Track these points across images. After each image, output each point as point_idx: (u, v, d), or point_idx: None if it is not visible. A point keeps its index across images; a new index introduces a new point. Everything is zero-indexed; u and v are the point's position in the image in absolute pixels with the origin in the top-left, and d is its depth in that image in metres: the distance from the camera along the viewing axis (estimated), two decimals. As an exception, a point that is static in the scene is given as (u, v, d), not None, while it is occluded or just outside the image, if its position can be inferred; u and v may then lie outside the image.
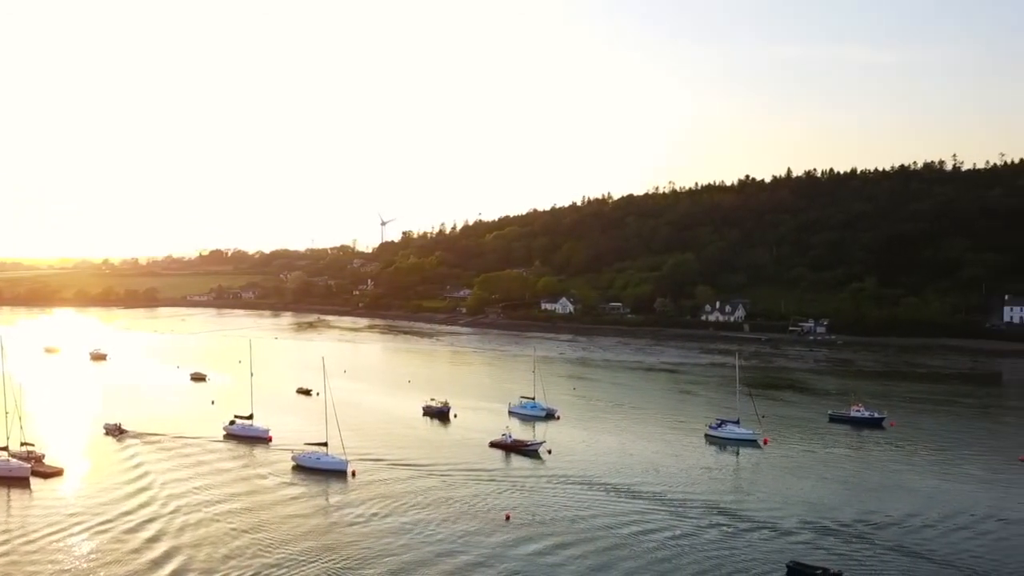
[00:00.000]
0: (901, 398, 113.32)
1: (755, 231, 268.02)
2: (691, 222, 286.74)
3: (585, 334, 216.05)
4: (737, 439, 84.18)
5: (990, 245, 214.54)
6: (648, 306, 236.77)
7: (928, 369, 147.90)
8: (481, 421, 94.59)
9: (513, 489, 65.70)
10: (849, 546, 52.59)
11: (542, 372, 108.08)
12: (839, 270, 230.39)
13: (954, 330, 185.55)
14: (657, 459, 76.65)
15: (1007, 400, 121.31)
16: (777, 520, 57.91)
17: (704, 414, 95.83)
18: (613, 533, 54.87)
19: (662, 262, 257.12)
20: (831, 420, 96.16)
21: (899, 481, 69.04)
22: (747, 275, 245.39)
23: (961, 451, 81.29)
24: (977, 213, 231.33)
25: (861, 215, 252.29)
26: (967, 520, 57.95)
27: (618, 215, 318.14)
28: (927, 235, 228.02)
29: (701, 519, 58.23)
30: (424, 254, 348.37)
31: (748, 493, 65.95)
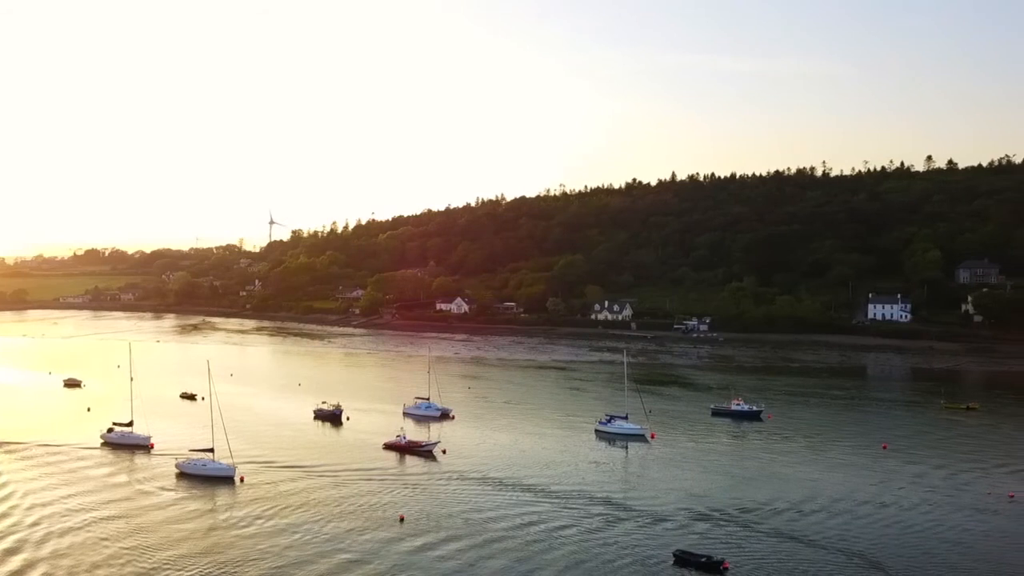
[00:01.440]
0: (777, 392, 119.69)
1: (641, 233, 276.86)
2: (581, 224, 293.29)
3: (480, 334, 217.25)
4: (626, 434, 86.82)
5: (856, 246, 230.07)
6: (541, 305, 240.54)
7: (801, 364, 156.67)
8: (375, 423, 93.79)
9: (407, 490, 65.66)
10: (731, 533, 55.36)
11: (437, 372, 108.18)
12: (720, 270, 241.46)
13: (824, 327, 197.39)
14: (549, 455, 78.21)
15: (871, 392, 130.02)
16: (664, 511, 60.27)
17: (594, 410, 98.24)
18: (507, 528, 55.78)
19: (554, 263, 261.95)
20: (713, 414, 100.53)
21: (776, 470, 73.08)
22: (634, 275, 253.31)
23: (831, 440, 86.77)
24: (845, 216, 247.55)
25: (740, 217, 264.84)
26: (837, 505, 61.94)
27: (511, 216, 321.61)
28: (800, 237, 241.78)
29: (591, 512, 59.92)
30: (315, 254, 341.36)
31: (636, 486, 68.30)
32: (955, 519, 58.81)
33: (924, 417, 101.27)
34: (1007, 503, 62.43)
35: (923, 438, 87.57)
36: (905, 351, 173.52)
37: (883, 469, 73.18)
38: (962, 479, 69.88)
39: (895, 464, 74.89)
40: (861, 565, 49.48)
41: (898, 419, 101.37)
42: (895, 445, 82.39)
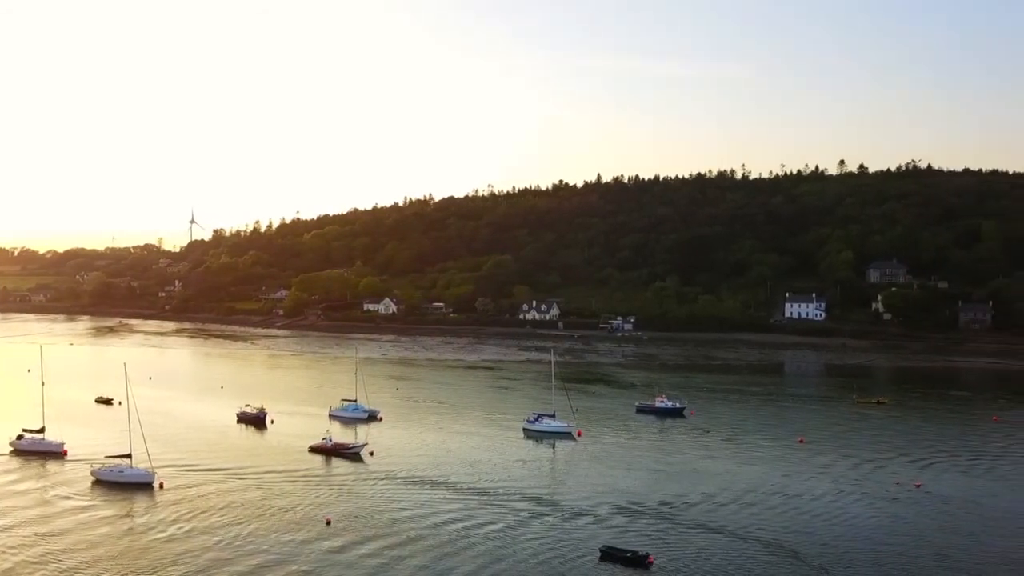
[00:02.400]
0: (699, 389, 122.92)
1: (568, 233, 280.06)
2: (509, 224, 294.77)
3: (408, 334, 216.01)
4: (553, 432, 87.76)
5: (774, 247, 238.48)
6: (469, 306, 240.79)
7: (722, 361, 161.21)
8: (300, 426, 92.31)
9: (334, 492, 64.97)
10: (656, 527, 56.64)
11: (364, 373, 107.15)
12: (644, 270, 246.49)
13: (744, 325, 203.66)
14: (477, 454, 78.53)
15: (788, 388, 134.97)
16: (590, 507, 61.25)
17: (522, 409, 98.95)
18: (433, 527, 55.81)
19: (482, 263, 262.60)
20: (638, 411, 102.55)
21: (698, 465, 75.11)
22: (561, 275, 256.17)
23: (750, 435, 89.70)
24: (763, 218, 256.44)
25: (663, 219, 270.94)
26: (755, 497, 64.10)
27: (440, 216, 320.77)
28: (721, 238, 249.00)
29: (518, 509, 60.46)
30: (238, 253, 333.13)
31: (563, 483, 69.24)
32: (866, 508, 61.57)
33: (837, 411, 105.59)
34: (914, 492, 65.72)
35: (836, 431, 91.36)
36: (820, 348, 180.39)
37: (799, 461, 76.03)
38: (873, 469, 73.21)
39: (811, 456, 77.90)
40: (778, 553, 51.38)
41: (813, 413, 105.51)
42: (811, 438, 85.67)
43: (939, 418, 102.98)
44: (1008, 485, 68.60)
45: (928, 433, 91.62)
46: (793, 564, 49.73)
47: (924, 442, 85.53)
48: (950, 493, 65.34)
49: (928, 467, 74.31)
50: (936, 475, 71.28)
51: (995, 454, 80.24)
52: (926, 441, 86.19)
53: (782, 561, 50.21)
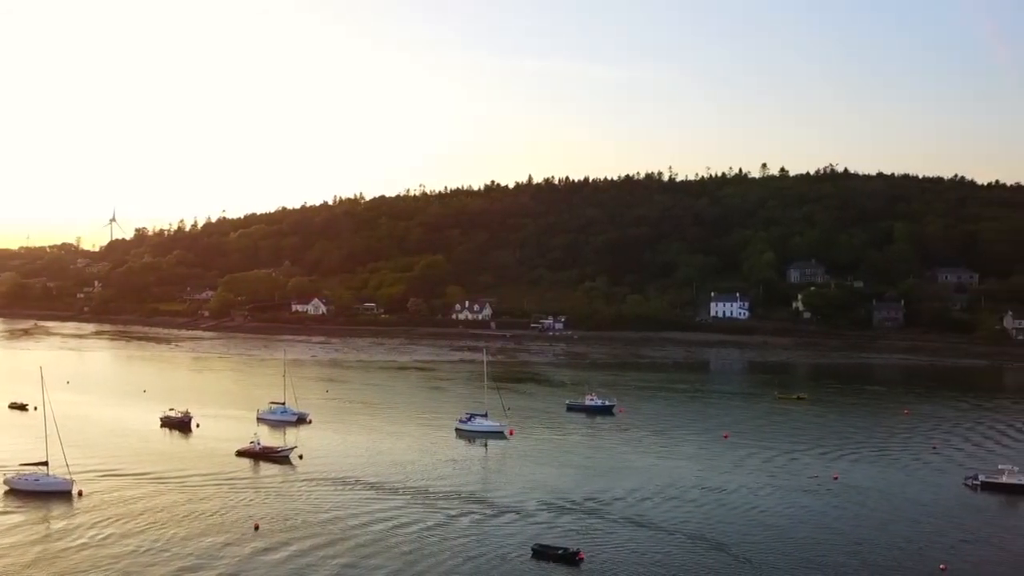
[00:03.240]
0: (628, 386, 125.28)
1: (500, 234, 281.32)
2: (441, 224, 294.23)
3: (339, 335, 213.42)
4: (485, 432, 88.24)
5: (700, 248, 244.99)
6: (401, 306, 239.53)
7: (650, 360, 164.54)
8: (227, 430, 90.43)
9: (262, 496, 63.99)
10: (586, 523, 57.65)
11: (293, 376, 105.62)
12: (575, 270, 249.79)
13: (671, 324, 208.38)
14: (409, 455, 78.42)
15: (713, 385, 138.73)
16: (521, 505, 61.95)
17: (454, 409, 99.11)
18: (366, 530, 55.61)
19: (414, 263, 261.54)
20: (569, 409, 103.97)
21: (627, 462, 76.70)
22: (494, 275, 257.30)
23: (677, 431, 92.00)
24: (690, 220, 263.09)
25: (593, 220, 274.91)
26: (681, 491, 65.90)
27: (371, 216, 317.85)
28: (649, 239, 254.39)
29: (451, 509, 60.72)
30: (161, 253, 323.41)
31: (494, 482, 69.78)
32: (787, 500, 63.97)
33: (760, 407, 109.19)
34: (831, 483, 68.60)
35: (759, 426, 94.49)
36: (743, 346, 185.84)
37: (724, 456, 78.38)
38: (793, 463, 76.10)
39: (735, 451, 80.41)
40: (703, 545, 53.01)
41: (737, 410, 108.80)
42: (735, 434, 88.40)
43: (855, 413, 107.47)
44: (916, 476, 72.20)
45: (845, 427, 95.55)
46: (717, 555, 51.39)
47: (841, 436, 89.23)
48: (864, 484, 68.43)
49: (844, 459, 77.61)
50: (852, 467, 74.54)
51: (905, 446, 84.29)
52: (843, 435, 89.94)
53: (707, 553, 51.83)
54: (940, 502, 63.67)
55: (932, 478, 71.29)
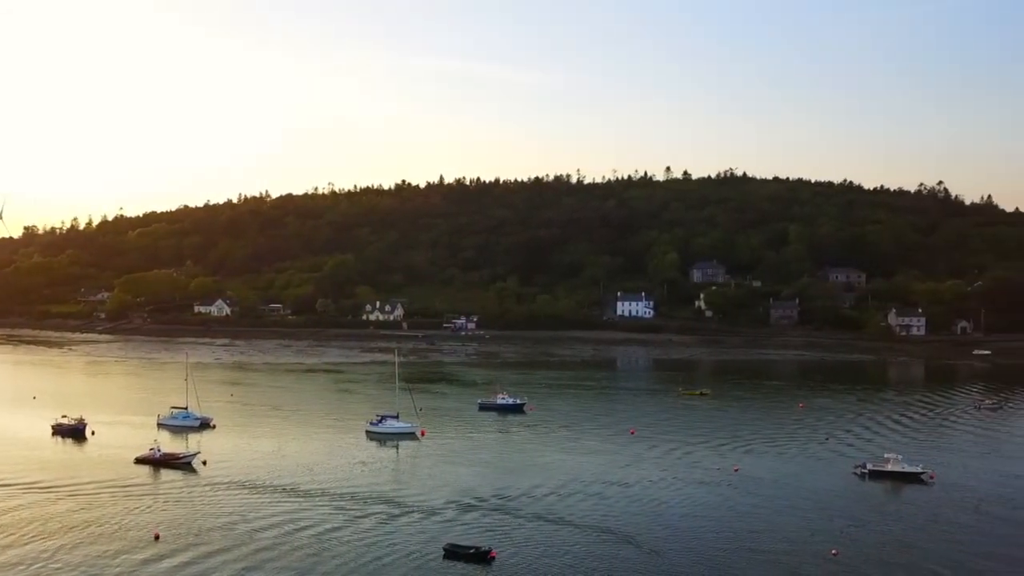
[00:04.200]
0: (538, 385, 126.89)
1: (411, 233, 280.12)
2: (351, 223, 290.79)
3: (244, 337, 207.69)
4: (396, 433, 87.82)
5: (606, 249, 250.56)
6: (310, 307, 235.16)
7: (559, 358, 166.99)
8: (124, 436, 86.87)
9: (163, 505, 61.86)
10: (497, 522, 58.17)
11: (196, 379, 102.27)
12: (486, 270, 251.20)
13: (580, 323, 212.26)
14: (318, 459, 77.30)
15: (620, 382, 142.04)
16: (433, 506, 62.03)
17: (365, 411, 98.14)
18: (271, 534, 54.58)
19: (323, 262, 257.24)
20: (480, 409, 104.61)
21: (537, 459, 77.77)
22: (405, 275, 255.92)
23: (585, 428, 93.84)
24: (597, 222, 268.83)
25: (504, 221, 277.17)
26: (590, 487, 67.27)
27: (278, 214, 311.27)
28: (558, 240, 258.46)
29: (360, 511, 60.24)
30: (53, 253, 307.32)
31: (406, 483, 69.55)
32: (690, 492, 66.28)
33: (665, 403, 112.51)
34: (732, 475, 71.43)
35: (664, 422, 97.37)
36: (648, 344, 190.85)
37: (630, 452, 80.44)
38: (696, 456, 78.81)
39: (641, 447, 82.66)
40: (613, 539, 54.40)
41: (643, 406, 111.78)
42: (641, 429, 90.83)
43: (754, 407, 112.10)
44: (809, 466, 75.98)
45: (744, 421, 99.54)
46: (626, 549, 52.84)
47: (741, 429, 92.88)
48: (762, 475, 71.56)
49: (744, 452, 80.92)
50: (751, 459, 77.79)
51: (800, 438, 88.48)
52: (742, 428, 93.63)
53: (615, 546, 53.22)
54: (831, 490, 67.20)
55: (824, 468, 75.16)
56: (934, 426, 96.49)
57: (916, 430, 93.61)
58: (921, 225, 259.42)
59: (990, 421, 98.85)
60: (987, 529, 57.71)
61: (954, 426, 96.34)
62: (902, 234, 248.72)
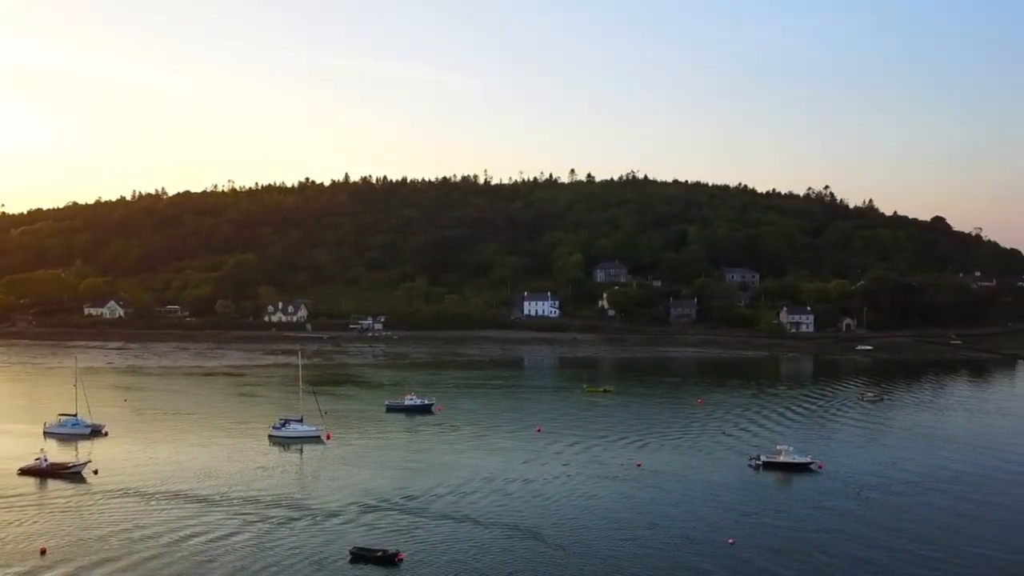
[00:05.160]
0: (446, 385, 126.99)
1: (316, 232, 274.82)
2: (252, 222, 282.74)
3: (138, 340, 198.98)
4: (300, 437, 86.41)
5: (513, 249, 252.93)
6: (209, 308, 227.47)
7: (468, 358, 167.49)
8: (7, 447, 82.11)
9: (51, 517, 58.92)
10: (405, 523, 58.10)
11: (87, 384, 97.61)
12: (394, 270, 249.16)
13: (488, 323, 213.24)
14: (217, 465, 75.20)
15: (527, 381, 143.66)
16: (339, 509, 61.39)
17: (267, 415, 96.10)
18: (168, 545, 52.82)
19: (223, 262, 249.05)
20: (388, 410, 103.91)
21: (445, 459, 77.97)
22: (309, 275, 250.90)
23: (493, 427, 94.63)
24: (504, 222, 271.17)
25: (411, 220, 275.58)
26: (497, 485, 68.02)
27: (174, 212, 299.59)
28: (466, 240, 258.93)
29: (262, 516, 59.04)
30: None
31: (311, 487, 68.57)
32: (595, 487, 67.96)
33: (570, 401, 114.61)
34: (635, 470, 73.59)
35: (569, 419, 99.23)
36: (554, 343, 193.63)
37: (537, 449, 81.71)
38: (600, 452, 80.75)
39: (547, 444, 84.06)
40: (520, 536, 55.23)
41: (549, 404, 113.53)
42: (547, 427, 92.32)
43: (655, 403, 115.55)
44: (708, 459, 79.03)
45: (646, 417, 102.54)
46: (533, 545, 53.76)
47: (643, 425, 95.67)
48: (663, 469, 74.02)
49: (646, 447, 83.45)
50: (652, 454, 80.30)
51: (699, 432, 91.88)
52: (645, 424, 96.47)
53: (523, 543, 54.07)
54: (728, 482, 70.18)
55: (721, 460, 78.35)
56: (822, 418, 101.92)
57: (806, 422, 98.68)
58: (809, 227, 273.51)
59: (872, 413, 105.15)
60: (866, 514, 61.54)
61: (840, 418, 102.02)
62: (792, 236, 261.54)
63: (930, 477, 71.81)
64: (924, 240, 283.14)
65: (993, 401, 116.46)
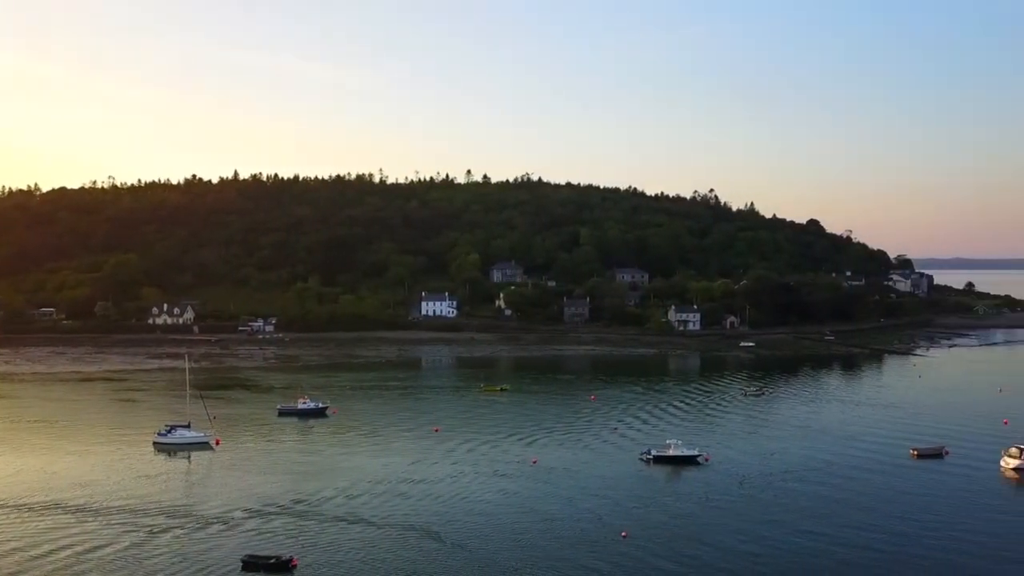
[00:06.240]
0: (342, 387, 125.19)
1: (203, 231, 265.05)
2: (135, 220, 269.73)
3: (9, 345, 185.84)
4: (188, 443, 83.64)
5: (410, 249, 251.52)
6: (88, 310, 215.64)
7: (364, 360, 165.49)
8: None
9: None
10: (299, 528, 57.24)
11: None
12: (285, 270, 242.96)
13: (384, 323, 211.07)
14: (96, 474, 71.88)
15: (425, 381, 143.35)
16: (229, 516, 59.85)
17: (152, 421, 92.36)
18: (42, 559, 50.22)
19: (103, 262, 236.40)
20: (280, 414, 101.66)
21: (338, 462, 77.12)
22: (196, 275, 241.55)
23: (390, 428, 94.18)
24: (400, 221, 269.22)
25: (304, 219, 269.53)
26: (394, 486, 67.96)
27: (49, 209, 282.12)
28: (361, 239, 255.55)
29: (149, 527, 56.93)
30: None
31: (199, 495, 66.49)
32: (491, 485, 68.82)
33: (467, 400, 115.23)
34: (530, 467, 74.92)
35: (467, 418, 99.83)
36: (452, 342, 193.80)
37: (435, 450, 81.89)
38: (498, 450, 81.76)
39: (445, 443, 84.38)
40: (416, 536, 55.43)
41: (447, 404, 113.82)
42: (445, 427, 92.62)
43: (550, 401, 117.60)
44: (600, 454, 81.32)
45: (542, 414, 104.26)
46: (431, 543, 54.06)
47: (538, 422, 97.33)
48: (558, 465, 75.68)
49: (541, 444, 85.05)
50: (548, 450, 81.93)
51: (592, 428, 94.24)
52: (540, 421, 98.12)
53: (420, 542, 54.28)
54: (620, 476, 72.46)
55: (614, 455, 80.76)
56: (708, 413, 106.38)
57: (693, 417, 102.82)
58: (696, 229, 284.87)
59: (754, 406, 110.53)
60: (748, 506, 64.78)
61: (725, 412, 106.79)
62: (679, 237, 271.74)
63: (806, 466, 76.21)
64: (801, 242, 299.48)
65: (863, 393, 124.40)
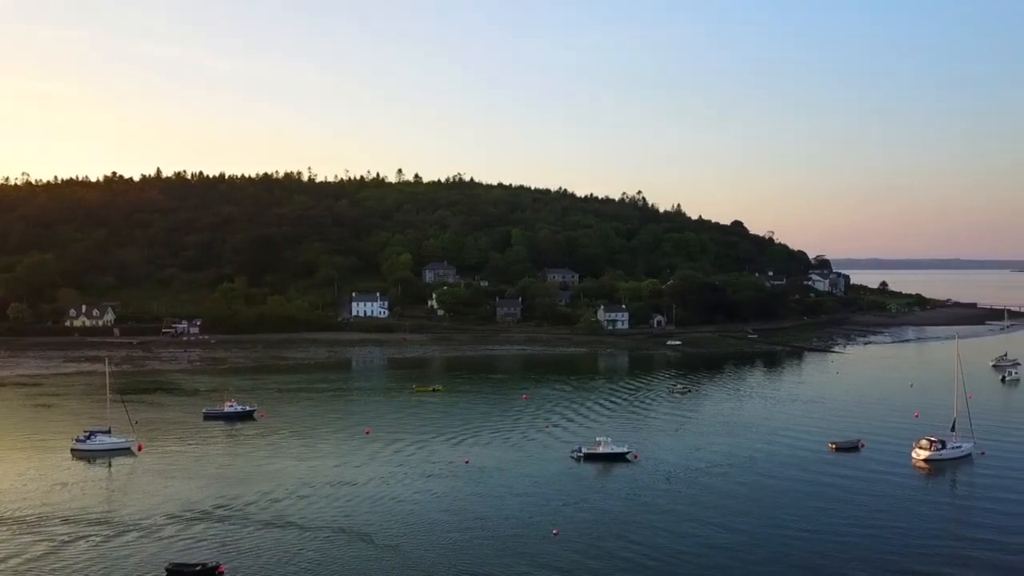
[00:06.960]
0: (270, 390, 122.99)
1: (124, 231, 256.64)
2: (51, 219, 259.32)
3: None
4: (108, 449, 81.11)
5: (340, 249, 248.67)
6: (1, 313, 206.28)
7: (293, 361, 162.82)
8: None
9: None
10: (225, 534, 56.13)
11: None
12: (211, 270, 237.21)
13: (314, 324, 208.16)
14: (8, 483, 69.08)
15: (355, 383, 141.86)
16: (152, 524, 58.29)
17: (70, 427, 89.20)
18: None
19: (16, 262, 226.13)
20: (206, 418, 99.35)
21: (266, 466, 75.80)
22: (116, 276, 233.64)
23: (319, 431, 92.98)
24: (330, 221, 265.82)
25: (230, 218, 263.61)
26: (321, 489, 67.23)
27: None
28: (289, 239, 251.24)
29: (66, 536, 55.08)
30: None
31: (120, 502, 64.51)
32: (423, 486, 68.72)
33: (399, 401, 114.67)
34: (463, 467, 75.11)
35: (399, 419, 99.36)
36: (384, 343, 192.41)
37: (365, 452, 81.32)
38: (429, 451, 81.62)
39: (376, 446, 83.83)
40: (347, 538, 55.03)
41: (378, 405, 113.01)
42: (376, 428, 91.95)
43: (482, 400, 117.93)
44: (532, 453, 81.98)
45: (474, 414, 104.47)
46: (361, 546, 53.72)
47: (471, 422, 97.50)
48: (490, 464, 76.07)
49: (473, 444, 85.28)
50: (480, 450, 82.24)
51: (524, 427, 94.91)
52: (472, 421, 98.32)
53: (351, 545, 53.89)
54: (551, 475, 73.24)
55: (545, 453, 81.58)
56: (637, 410, 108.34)
57: (623, 414, 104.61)
58: (624, 230, 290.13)
59: (681, 403, 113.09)
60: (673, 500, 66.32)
61: (653, 409, 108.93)
62: (608, 238, 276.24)
63: (730, 461, 78.32)
64: (726, 242, 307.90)
65: (784, 389, 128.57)
